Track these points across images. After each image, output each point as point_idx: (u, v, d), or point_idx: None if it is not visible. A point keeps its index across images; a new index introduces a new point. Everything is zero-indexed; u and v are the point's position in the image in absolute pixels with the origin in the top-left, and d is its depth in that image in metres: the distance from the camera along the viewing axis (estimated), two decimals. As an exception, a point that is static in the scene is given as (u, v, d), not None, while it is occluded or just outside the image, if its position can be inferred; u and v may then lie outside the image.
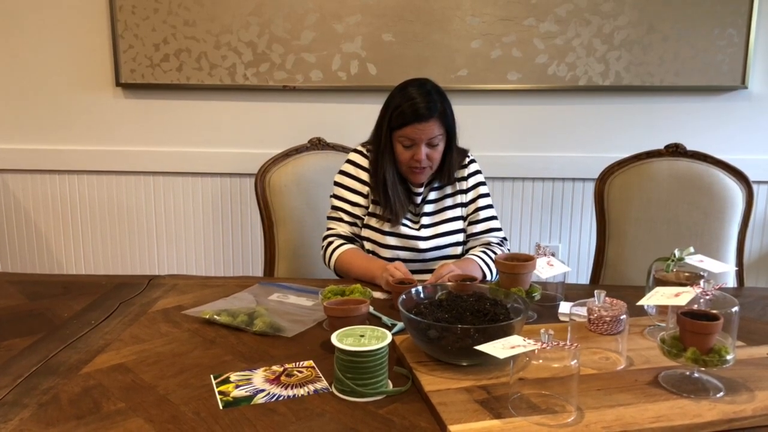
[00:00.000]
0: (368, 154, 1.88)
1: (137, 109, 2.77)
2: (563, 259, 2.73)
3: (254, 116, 2.75)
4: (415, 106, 1.72)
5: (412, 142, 1.75)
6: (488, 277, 1.79)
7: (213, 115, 2.76)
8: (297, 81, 2.67)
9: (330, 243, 1.85)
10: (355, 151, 1.92)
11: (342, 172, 1.91)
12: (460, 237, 1.88)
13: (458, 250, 1.88)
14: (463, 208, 1.89)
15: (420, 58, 2.61)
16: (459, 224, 1.88)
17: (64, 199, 2.87)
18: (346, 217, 1.88)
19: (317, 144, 2.31)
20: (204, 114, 2.76)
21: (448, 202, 1.89)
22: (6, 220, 2.90)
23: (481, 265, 1.78)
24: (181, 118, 2.77)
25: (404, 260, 1.77)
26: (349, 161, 1.91)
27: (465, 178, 1.90)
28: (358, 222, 1.88)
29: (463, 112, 2.71)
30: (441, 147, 1.79)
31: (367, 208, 1.88)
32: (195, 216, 2.85)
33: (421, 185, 1.86)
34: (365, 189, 1.87)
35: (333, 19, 2.60)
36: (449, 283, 1.42)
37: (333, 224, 1.90)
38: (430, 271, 1.77)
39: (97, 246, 2.90)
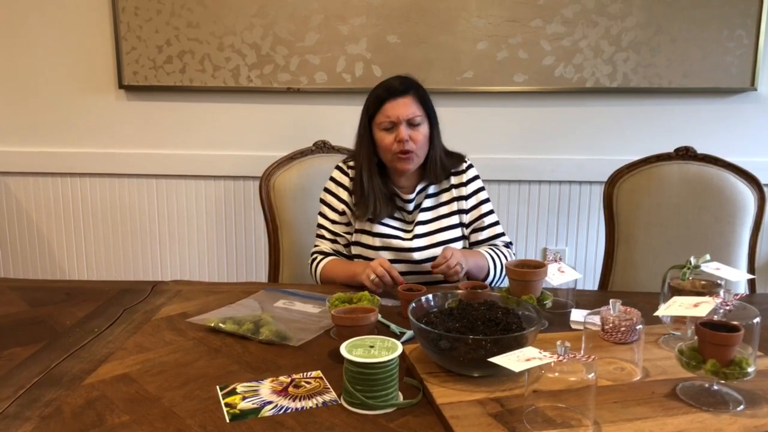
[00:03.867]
0: (348, 171, 1.88)
1: (140, 111, 2.74)
2: (570, 262, 2.69)
3: (258, 118, 2.72)
4: (390, 85, 1.76)
5: (392, 123, 1.73)
6: (492, 272, 1.77)
7: (216, 118, 2.73)
8: (301, 83, 2.64)
9: (314, 260, 1.86)
10: (337, 167, 1.91)
11: (325, 189, 1.90)
12: (457, 245, 1.84)
13: None
14: (464, 215, 1.86)
15: (425, 60, 2.59)
16: (457, 232, 1.84)
17: (66, 202, 2.84)
18: (327, 235, 1.88)
19: (322, 147, 2.28)
20: (207, 116, 2.73)
21: (445, 210, 1.85)
22: (8, 223, 2.87)
23: (486, 257, 1.77)
24: (185, 120, 2.74)
25: (401, 273, 1.70)
26: (330, 178, 1.91)
27: (464, 184, 1.86)
28: (339, 240, 1.87)
29: (468, 114, 2.72)
30: (423, 129, 1.76)
31: (347, 224, 1.86)
32: (198, 219, 2.82)
33: (412, 191, 1.83)
34: (341, 206, 1.86)
35: (337, 20, 2.58)
36: (459, 291, 1.39)
37: (317, 242, 1.91)
38: (430, 282, 1.74)
39: (100, 249, 2.88)
